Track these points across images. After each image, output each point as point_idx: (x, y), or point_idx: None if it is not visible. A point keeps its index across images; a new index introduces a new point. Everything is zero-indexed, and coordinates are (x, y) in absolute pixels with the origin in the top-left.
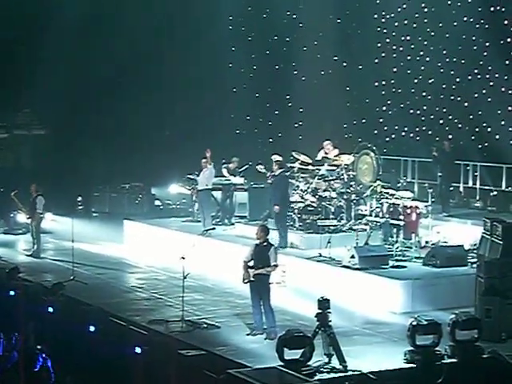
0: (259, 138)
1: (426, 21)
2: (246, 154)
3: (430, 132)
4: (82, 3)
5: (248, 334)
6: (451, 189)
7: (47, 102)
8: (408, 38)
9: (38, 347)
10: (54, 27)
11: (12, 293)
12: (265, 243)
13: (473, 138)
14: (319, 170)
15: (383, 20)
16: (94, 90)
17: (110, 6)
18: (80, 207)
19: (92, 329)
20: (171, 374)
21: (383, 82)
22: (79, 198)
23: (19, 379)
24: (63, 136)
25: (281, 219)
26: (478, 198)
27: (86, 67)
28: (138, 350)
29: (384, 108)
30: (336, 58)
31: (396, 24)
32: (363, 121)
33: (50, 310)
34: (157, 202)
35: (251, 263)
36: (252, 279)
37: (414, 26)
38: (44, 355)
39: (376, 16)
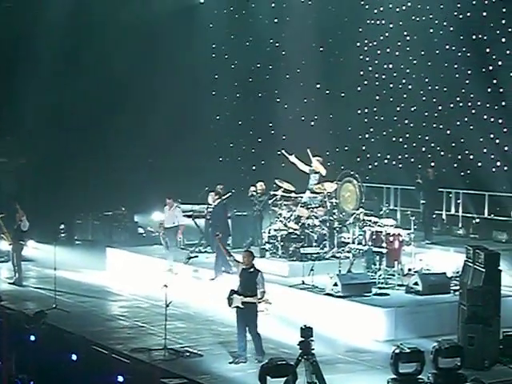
0: (242, 166)
1: (408, 49)
2: (229, 182)
3: (412, 159)
4: (66, 30)
5: (231, 362)
6: (434, 216)
7: (29, 129)
8: (390, 66)
9: (20, 376)
10: (37, 55)
11: None
12: (251, 269)
13: (455, 165)
14: (302, 197)
15: (366, 48)
16: (77, 117)
17: (91, 37)
18: (63, 235)
19: (74, 357)
20: None
21: (366, 110)
22: (62, 226)
23: None
24: (45, 164)
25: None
26: (460, 225)
27: (68, 96)
28: (120, 378)
29: (367, 135)
30: (319, 86)
31: (378, 52)
32: (346, 148)
33: (32, 338)
34: (140, 230)
35: (237, 289)
36: (241, 306)
37: (397, 53)
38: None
39: (358, 44)
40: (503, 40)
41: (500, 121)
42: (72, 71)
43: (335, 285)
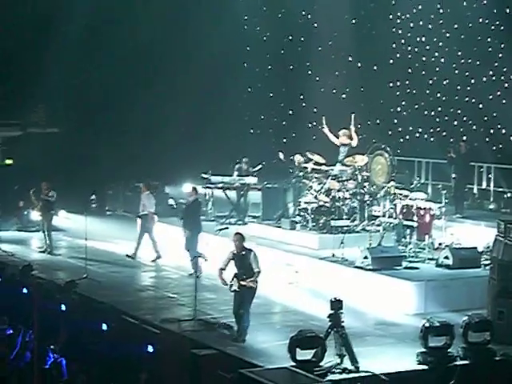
0: (273, 138)
1: (441, 22)
2: (259, 154)
3: (444, 133)
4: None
5: (232, 339)
6: (465, 190)
7: (61, 99)
8: (423, 38)
9: (52, 347)
10: (67, 25)
11: (25, 290)
12: (243, 252)
13: (487, 139)
14: (332, 170)
15: (398, 21)
16: (109, 87)
17: (123, 4)
18: (94, 205)
19: (104, 327)
20: (183, 373)
21: (398, 83)
22: (93, 196)
23: (31, 376)
24: (77, 134)
25: (192, 245)
26: (491, 199)
27: (99, 64)
28: (150, 348)
29: (398, 109)
30: (350, 59)
31: (411, 25)
32: (377, 122)
33: (63, 307)
34: (170, 201)
35: (233, 271)
36: (237, 290)
37: (429, 27)
38: (56, 353)
39: (391, 17)
40: None
41: None
42: (105, 40)
43: (365, 258)
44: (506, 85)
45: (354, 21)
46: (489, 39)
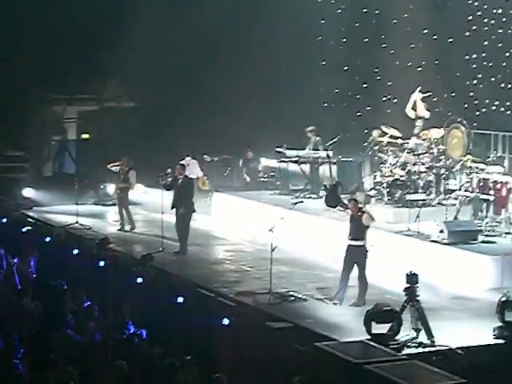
0: (347, 112)
1: None
2: (334, 128)
3: None
4: None
5: (325, 300)
6: None
7: (137, 74)
8: (500, 10)
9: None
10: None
11: (102, 263)
12: (358, 213)
13: None
14: (408, 143)
15: None
16: (184, 61)
17: None
18: (169, 179)
19: (180, 300)
20: (258, 346)
21: (474, 56)
22: (168, 170)
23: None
24: (153, 108)
25: (185, 224)
26: None
27: (175, 38)
28: (225, 321)
29: (474, 82)
30: (426, 31)
31: None
32: (453, 94)
33: (139, 280)
34: (245, 176)
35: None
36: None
37: None
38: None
39: None
40: None
41: None
42: (182, 14)
43: (441, 232)
44: None
45: None
46: None
